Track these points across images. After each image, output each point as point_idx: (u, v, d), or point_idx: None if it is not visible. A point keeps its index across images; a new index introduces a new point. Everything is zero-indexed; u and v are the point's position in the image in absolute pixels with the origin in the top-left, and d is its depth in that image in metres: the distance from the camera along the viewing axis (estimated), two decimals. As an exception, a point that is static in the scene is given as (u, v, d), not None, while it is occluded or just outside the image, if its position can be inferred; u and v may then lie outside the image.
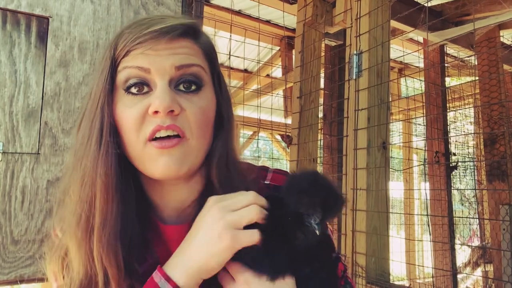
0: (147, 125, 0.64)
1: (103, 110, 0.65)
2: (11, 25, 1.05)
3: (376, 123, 1.74)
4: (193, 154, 0.67)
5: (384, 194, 1.73)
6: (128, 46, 0.66)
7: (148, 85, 0.66)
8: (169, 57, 0.65)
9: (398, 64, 4.47)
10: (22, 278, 1.02)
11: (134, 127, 0.65)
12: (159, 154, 0.64)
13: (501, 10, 2.61)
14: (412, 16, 2.42)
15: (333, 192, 0.61)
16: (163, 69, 0.65)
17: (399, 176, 5.43)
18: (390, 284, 1.62)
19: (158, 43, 0.65)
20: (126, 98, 0.66)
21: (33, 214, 1.04)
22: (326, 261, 0.67)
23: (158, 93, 0.64)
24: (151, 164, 0.65)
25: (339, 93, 2.95)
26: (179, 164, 0.65)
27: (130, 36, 0.66)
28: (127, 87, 0.66)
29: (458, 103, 4.06)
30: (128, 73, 0.66)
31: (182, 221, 0.73)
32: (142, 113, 0.64)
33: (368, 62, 1.77)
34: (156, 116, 0.64)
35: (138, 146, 0.65)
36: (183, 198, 0.73)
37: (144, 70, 0.65)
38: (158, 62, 0.65)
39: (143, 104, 0.65)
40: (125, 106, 0.66)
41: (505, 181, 2.88)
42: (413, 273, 4.53)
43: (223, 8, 3.06)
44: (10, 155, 1.02)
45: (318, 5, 2.43)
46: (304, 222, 0.60)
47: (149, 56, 0.65)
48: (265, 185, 0.78)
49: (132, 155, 0.67)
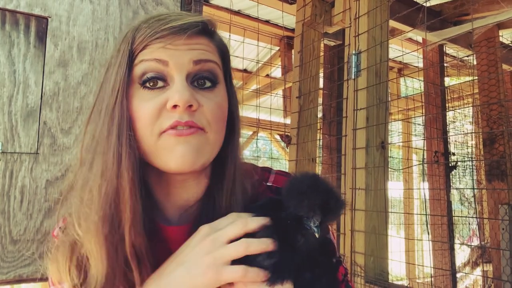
0: (164, 119, 0.64)
1: (123, 104, 0.65)
2: (10, 25, 1.05)
3: (374, 122, 1.75)
4: (209, 147, 0.67)
5: (383, 193, 1.73)
6: (146, 40, 0.66)
7: (164, 80, 0.66)
8: (187, 52, 0.66)
9: (397, 64, 4.47)
10: (21, 278, 1.02)
11: (149, 121, 0.64)
12: (176, 142, 0.63)
13: (499, 9, 2.62)
14: (410, 16, 2.42)
15: (333, 195, 0.61)
16: (181, 63, 0.65)
17: (398, 175, 5.43)
18: (389, 284, 1.62)
19: (177, 38, 0.65)
20: (142, 92, 0.66)
21: (32, 214, 1.04)
22: (327, 266, 0.67)
23: (178, 87, 0.64)
24: (167, 155, 0.64)
25: (338, 92, 2.96)
26: (196, 154, 0.64)
27: (149, 30, 0.66)
28: (143, 81, 0.66)
29: (457, 102, 4.06)
30: (146, 66, 0.65)
31: (184, 221, 0.73)
32: (159, 107, 0.64)
33: (367, 62, 1.77)
34: (174, 111, 0.63)
35: (151, 139, 0.64)
36: (188, 196, 0.73)
37: (162, 62, 0.65)
38: (176, 56, 0.65)
39: (160, 98, 0.64)
40: (142, 100, 0.65)
41: (504, 180, 2.88)
42: (413, 273, 4.54)
43: (222, 8, 3.06)
44: (9, 155, 1.02)
45: (317, 5, 2.43)
46: (304, 225, 0.60)
47: (167, 50, 0.65)
48: (268, 187, 0.78)
49: (145, 149, 0.66)
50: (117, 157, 0.63)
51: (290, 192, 0.62)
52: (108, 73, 0.69)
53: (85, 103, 1.11)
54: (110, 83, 0.67)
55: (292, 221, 0.61)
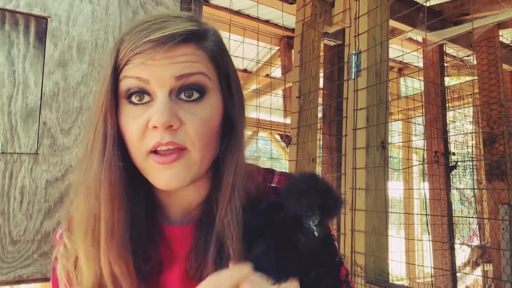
0: (148, 139, 0.63)
1: (106, 121, 0.65)
2: (9, 25, 1.05)
3: (375, 122, 1.74)
4: (196, 165, 0.66)
5: (383, 193, 1.73)
6: (127, 55, 0.64)
7: (149, 95, 0.65)
8: (168, 67, 0.63)
9: (397, 64, 4.47)
10: (21, 279, 1.02)
11: (136, 140, 0.64)
12: (159, 168, 0.64)
13: (499, 9, 2.62)
14: (411, 15, 2.42)
15: (331, 194, 0.61)
16: (163, 80, 0.63)
17: (398, 175, 5.43)
18: (389, 284, 1.62)
19: (156, 52, 0.62)
20: (128, 108, 0.65)
21: (31, 214, 1.04)
22: (331, 266, 0.67)
23: (157, 107, 0.62)
24: (154, 177, 0.65)
25: (338, 92, 2.95)
26: (181, 177, 0.64)
27: (129, 44, 0.64)
28: (128, 96, 0.65)
29: (457, 102, 4.06)
30: (129, 83, 0.64)
31: (187, 221, 0.73)
32: (143, 127, 0.63)
33: (367, 62, 1.77)
34: (156, 131, 0.63)
35: (140, 157, 0.65)
36: (190, 199, 0.73)
37: (144, 81, 0.63)
38: (157, 73, 0.63)
39: (144, 118, 0.64)
40: (129, 117, 0.65)
41: (505, 180, 2.88)
42: (413, 273, 4.53)
43: (222, 8, 3.06)
44: (9, 155, 1.02)
45: (317, 4, 2.43)
46: (303, 224, 0.60)
47: (147, 66, 0.63)
48: (272, 188, 0.78)
49: (137, 165, 0.67)
50: (98, 176, 0.64)
51: (289, 192, 0.63)
52: (97, 86, 0.69)
53: (85, 103, 1.11)
54: (96, 98, 0.67)
55: (292, 221, 0.61)
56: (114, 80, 0.65)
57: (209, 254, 0.66)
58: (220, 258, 0.65)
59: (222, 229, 0.67)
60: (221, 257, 0.65)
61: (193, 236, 0.69)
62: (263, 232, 0.63)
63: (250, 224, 0.66)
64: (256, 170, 0.78)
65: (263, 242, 0.62)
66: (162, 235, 0.72)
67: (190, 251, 0.68)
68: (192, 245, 0.68)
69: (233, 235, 0.66)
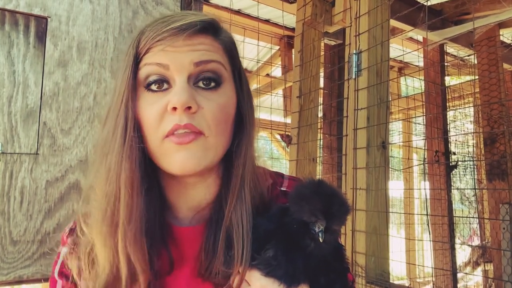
0: (166, 123, 0.65)
1: (127, 106, 0.66)
2: (9, 25, 1.05)
3: (375, 122, 1.74)
4: (211, 150, 0.67)
5: (384, 193, 1.73)
6: (149, 43, 0.66)
7: (167, 82, 0.66)
8: (188, 54, 0.66)
9: (398, 63, 4.46)
10: (21, 279, 1.01)
11: (154, 124, 0.65)
12: (176, 149, 0.64)
13: (501, 9, 2.61)
14: (411, 15, 2.42)
15: (336, 200, 0.61)
16: (182, 65, 0.65)
17: (399, 175, 5.43)
18: (390, 284, 1.62)
19: (177, 39, 0.65)
20: (147, 95, 0.67)
21: (32, 214, 1.03)
22: (340, 272, 0.67)
23: (176, 89, 0.65)
24: (169, 159, 0.66)
25: (338, 92, 2.95)
26: (197, 159, 0.65)
27: (151, 33, 0.67)
28: (147, 84, 0.67)
29: (458, 102, 4.06)
30: (148, 70, 0.66)
31: (197, 222, 0.73)
32: (161, 111, 0.65)
33: (368, 61, 1.76)
34: (174, 113, 0.64)
35: (156, 141, 0.66)
36: (200, 197, 0.73)
37: (163, 66, 0.65)
38: (177, 59, 0.65)
39: (162, 102, 0.65)
40: (146, 103, 0.66)
41: (505, 180, 2.88)
42: (413, 273, 4.53)
43: (222, 8, 3.06)
44: (9, 156, 1.02)
45: (317, 4, 2.43)
46: (310, 230, 0.60)
47: (168, 52, 0.65)
48: (281, 192, 0.79)
49: (151, 151, 0.67)
50: (119, 158, 0.65)
51: (294, 197, 0.63)
52: (118, 77, 0.70)
53: (85, 103, 1.11)
54: (118, 86, 0.69)
55: (298, 226, 0.61)
56: (135, 69, 0.67)
57: (217, 253, 0.66)
58: (228, 257, 0.65)
59: (231, 227, 0.67)
60: (230, 256, 0.65)
61: (202, 236, 0.69)
62: (272, 236, 0.63)
63: (259, 229, 0.66)
64: (266, 172, 0.78)
65: (272, 246, 0.62)
66: (172, 236, 0.72)
67: (200, 250, 0.68)
68: (202, 244, 0.69)
69: (242, 234, 0.66)
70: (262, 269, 0.62)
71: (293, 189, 0.66)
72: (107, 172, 0.66)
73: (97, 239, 0.66)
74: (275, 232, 0.63)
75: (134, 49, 0.68)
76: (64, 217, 1.06)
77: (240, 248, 0.64)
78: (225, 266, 0.65)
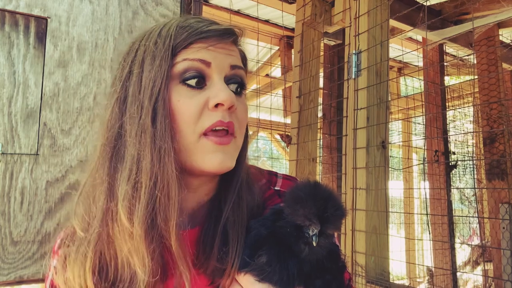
0: (206, 118, 0.65)
1: (165, 98, 0.64)
2: (9, 26, 1.05)
3: (375, 122, 1.74)
4: (237, 151, 0.70)
5: (384, 193, 1.73)
6: (190, 38, 0.66)
7: (204, 80, 0.67)
8: (227, 56, 0.69)
9: (398, 63, 4.47)
10: (21, 279, 1.01)
11: (192, 119, 0.64)
12: (215, 149, 0.65)
13: (500, 8, 2.61)
14: (411, 15, 2.42)
15: (331, 203, 0.60)
16: (222, 65, 0.68)
17: (398, 175, 5.43)
18: (390, 283, 1.62)
19: (220, 41, 0.68)
20: (182, 89, 0.66)
21: (32, 215, 1.03)
22: (336, 272, 0.67)
23: (221, 86, 0.66)
24: (205, 157, 0.65)
25: (338, 92, 2.96)
26: (231, 160, 0.67)
27: (192, 30, 0.67)
28: (184, 79, 0.66)
29: (457, 102, 4.06)
30: (188, 65, 0.66)
31: (193, 224, 0.72)
32: (201, 106, 0.65)
33: (367, 61, 1.77)
34: (216, 110, 0.65)
35: (192, 137, 0.65)
36: (200, 198, 0.73)
37: (206, 63, 0.66)
38: (218, 59, 0.67)
39: (202, 97, 0.65)
40: (183, 97, 0.65)
41: (505, 179, 2.88)
42: (413, 272, 4.54)
43: (222, 8, 3.06)
44: (9, 156, 1.02)
45: (317, 4, 2.43)
46: (303, 234, 0.59)
47: (210, 52, 0.67)
48: (275, 191, 0.79)
49: (182, 146, 0.65)
50: (161, 152, 0.62)
51: (288, 200, 0.62)
52: (145, 65, 0.67)
53: (85, 104, 1.11)
54: (150, 76, 0.65)
55: (292, 230, 0.60)
56: (170, 62, 0.66)
57: (212, 253, 0.66)
58: (223, 254, 0.65)
59: (227, 225, 0.67)
60: (224, 256, 0.65)
61: (198, 237, 0.69)
62: (266, 241, 0.62)
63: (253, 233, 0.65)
64: (259, 172, 0.78)
65: (266, 252, 0.61)
66: None
67: (197, 246, 0.68)
68: (199, 241, 0.68)
69: (238, 232, 0.66)
70: (256, 275, 0.61)
71: (288, 192, 0.65)
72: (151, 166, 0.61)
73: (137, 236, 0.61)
74: (269, 237, 0.63)
75: (171, 40, 0.66)
76: (65, 218, 1.06)
77: (234, 245, 0.65)
78: (219, 263, 0.65)
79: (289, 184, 0.80)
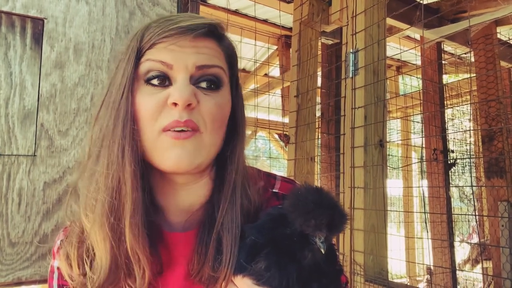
0: (164, 116, 0.64)
1: (128, 99, 0.65)
2: (6, 27, 1.05)
3: (373, 121, 1.75)
4: (205, 148, 0.67)
5: (382, 192, 1.73)
6: (153, 39, 0.66)
7: (169, 79, 0.66)
8: (192, 56, 0.66)
9: (395, 62, 4.47)
10: (20, 281, 1.01)
11: (151, 117, 0.65)
12: (172, 145, 0.64)
13: (496, 6, 2.62)
14: (408, 13, 2.42)
15: (337, 211, 0.61)
16: (185, 66, 0.66)
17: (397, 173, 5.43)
18: (389, 282, 1.62)
19: (183, 39, 0.66)
20: (145, 88, 0.66)
21: (30, 216, 1.03)
22: (333, 275, 0.67)
23: (179, 85, 0.65)
24: (163, 155, 0.65)
25: (336, 91, 2.96)
26: (191, 157, 0.65)
27: (157, 29, 0.67)
28: (147, 78, 0.66)
29: (455, 100, 4.06)
30: (151, 65, 0.66)
31: (188, 227, 0.72)
32: (161, 103, 0.65)
33: (365, 60, 1.77)
34: (174, 109, 0.64)
35: (152, 135, 0.65)
36: (192, 200, 0.72)
37: (167, 65, 0.65)
38: (181, 59, 0.65)
39: (162, 95, 0.65)
40: (145, 95, 0.66)
41: (504, 177, 2.88)
42: (413, 271, 4.54)
43: (219, 8, 3.06)
44: (6, 157, 1.02)
45: (314, 3, 2.43)
46: (310, 241, 0.60)
47: (173, 51, 0.65)
48: (273, 194, 0.78)
49: (145, 145, 0.66)
50: (121, 150, 0.64)
51: (296, 209, 0.62)
52: (117, 69, 0.69)
53: (82, 105, 1.11)
54: (118, 79, 0.68)
55: (299, 238, 0.61)
56: (136, 62, 0.67)
57: (208, 256, 0.66)
58: (217, 262, 0.65)
59: (221, 231, 0.67)
60: (218, 260, 0.65)
61: (194, 241, 0.69)
62: (264, 246, 0.62)
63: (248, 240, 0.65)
64: (257, 174, 0.78)
65: (264, 257, 0.61)
66: (162, 241, 0.71)
67: (193, 254, 0.68)
68: (195, 248, 0.68)
69: (231, 239, 0.66)
70: (254, 279, 0.61)
71: (293, 198, 0.64)
72: (107, 165, 0.64)
73: (97, 233, 0.64)
74: (267, 243, 0.62)
75: (137, 43, 0.67)
76: (62, 219, 1.06)
77: (228, 253, 0.64)
78: (213, 271, 0.65)
79: (288, 187, 0.79)
